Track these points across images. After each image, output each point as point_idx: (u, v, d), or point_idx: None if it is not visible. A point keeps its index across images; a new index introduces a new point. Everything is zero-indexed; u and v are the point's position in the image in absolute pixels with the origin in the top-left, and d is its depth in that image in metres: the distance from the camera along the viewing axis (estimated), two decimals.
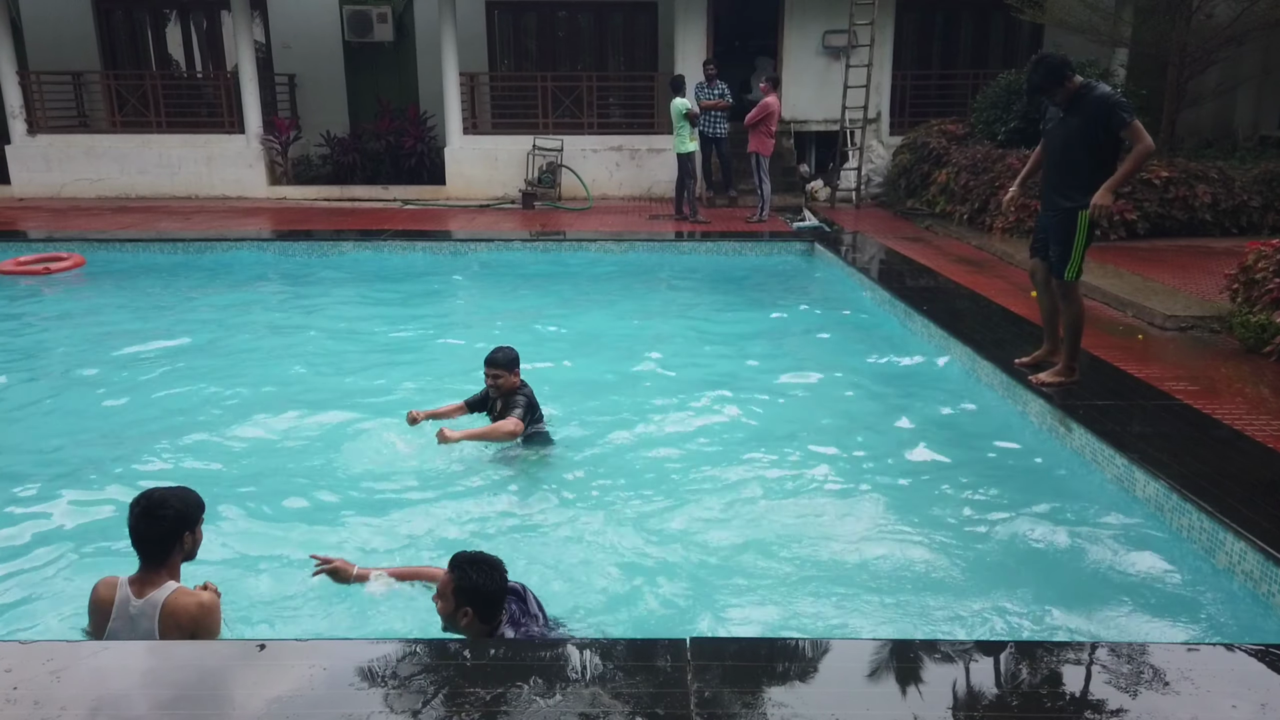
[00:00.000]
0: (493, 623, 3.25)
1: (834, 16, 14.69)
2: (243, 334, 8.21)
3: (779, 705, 2.64)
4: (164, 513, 3.18)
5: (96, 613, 3.24)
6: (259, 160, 15.27)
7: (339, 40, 16.44)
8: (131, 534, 3.20)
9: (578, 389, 6.63)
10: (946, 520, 4.65)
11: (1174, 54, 11.63)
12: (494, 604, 3.24)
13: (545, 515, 4.72)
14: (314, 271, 10.71)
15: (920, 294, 8.42)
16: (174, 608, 3.14)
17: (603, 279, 10.37)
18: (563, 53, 16.88)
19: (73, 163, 15.21)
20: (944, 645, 3.05)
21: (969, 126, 13.56)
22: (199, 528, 3.32)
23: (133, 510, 3.21)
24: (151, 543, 3.19)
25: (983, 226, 11.58)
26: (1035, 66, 5.35)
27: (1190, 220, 10.51)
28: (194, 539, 3.29)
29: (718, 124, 13.54)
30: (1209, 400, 5.51)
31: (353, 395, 6.46)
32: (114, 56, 16.78)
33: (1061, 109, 5.38)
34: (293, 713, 2.58)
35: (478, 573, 3.20)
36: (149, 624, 3.12)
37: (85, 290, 9.81)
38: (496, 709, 2.60)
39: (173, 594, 3.17)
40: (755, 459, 5.41)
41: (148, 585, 3.18)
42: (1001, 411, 5.98)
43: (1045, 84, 5.31)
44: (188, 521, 3.25)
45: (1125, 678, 2.79)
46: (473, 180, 15.13)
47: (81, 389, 6.64)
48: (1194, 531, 4.12)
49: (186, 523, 3.24)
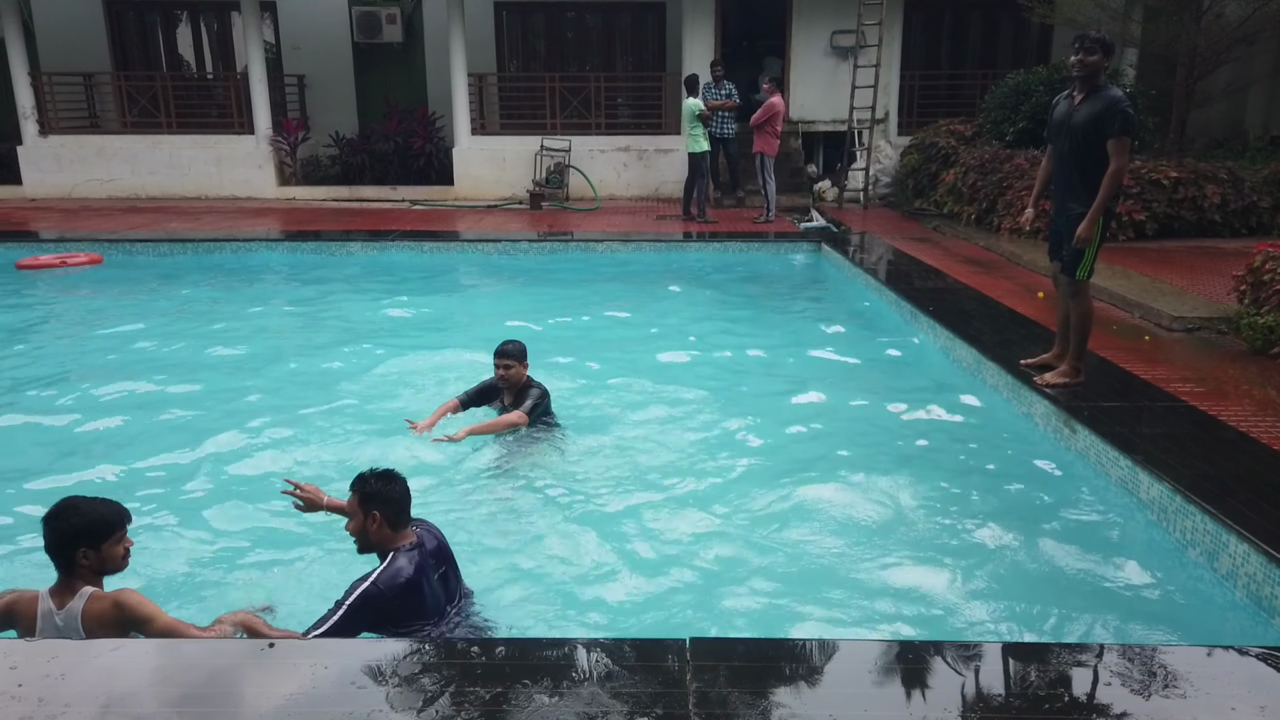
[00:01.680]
0: (402, 529, 3.49)
1: (842, 16, 14.68)
2: (247, 333, 8.23)
3: (780, 706, 2.65)
4: (58, 524, 3.09)
5: (20, 626, 3.14)
6: (268, 161, 15.34)
7: (348, 41, 16.50)
8: (46, 543, 3.11)
9: (583, 388, 6.64)
10: (948, 521, 4.64)
11: (1183, 54, 11.58)
12: (398, 508, 3.50)
13: (548, 515, 4.72)
14: (321, 271, 10.76)
15: (927, 295, 8.41)
16: (93, 614, 3.08)
17: (610, 279, 10.38)
18: (571, 53, 16.91)
19: (84, 163, 15.31)
20: (946, 647, 3.05)
21: (977, 127, 13.53)
22: (109, 545, 3.14)
23: (45, 518, 3.11)
24: (52, 551, 3.11)
25: (990, 227, 11.56)
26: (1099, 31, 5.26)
27: (1199, 221, 10.46)
28: (100, 556, 3.12)
29: (725, 124, 13.55)
30: (1215, 402, 5.49)
31: (355, 396, 6.47)
32: (125, 58, 16.88)
33: (1080, 96, 5.29)
34: (297, 711, 2.60)
35: (376, 479, 3.49)
36: (77, 635, 3.07)
37: (96, 288, 9.88)
38: (497, 708, 2.61)
39: (87, 601, 3.09)
40: (758, 459, 5.41)
41: (66, 595, 3.11)
42: (1007, 413, 5.97)
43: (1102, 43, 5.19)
44: (88, 536, 3.09)
45: (1127, 680, 2.79)
46: (481, 181, 15.17)
47: (82, 386, 6.70)
48: (1198, 534, 4.11)
49: (86, 537, 3.08)
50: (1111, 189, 5.18)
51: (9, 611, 3.15)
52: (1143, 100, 12.76)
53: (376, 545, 3.49)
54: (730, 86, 13.48)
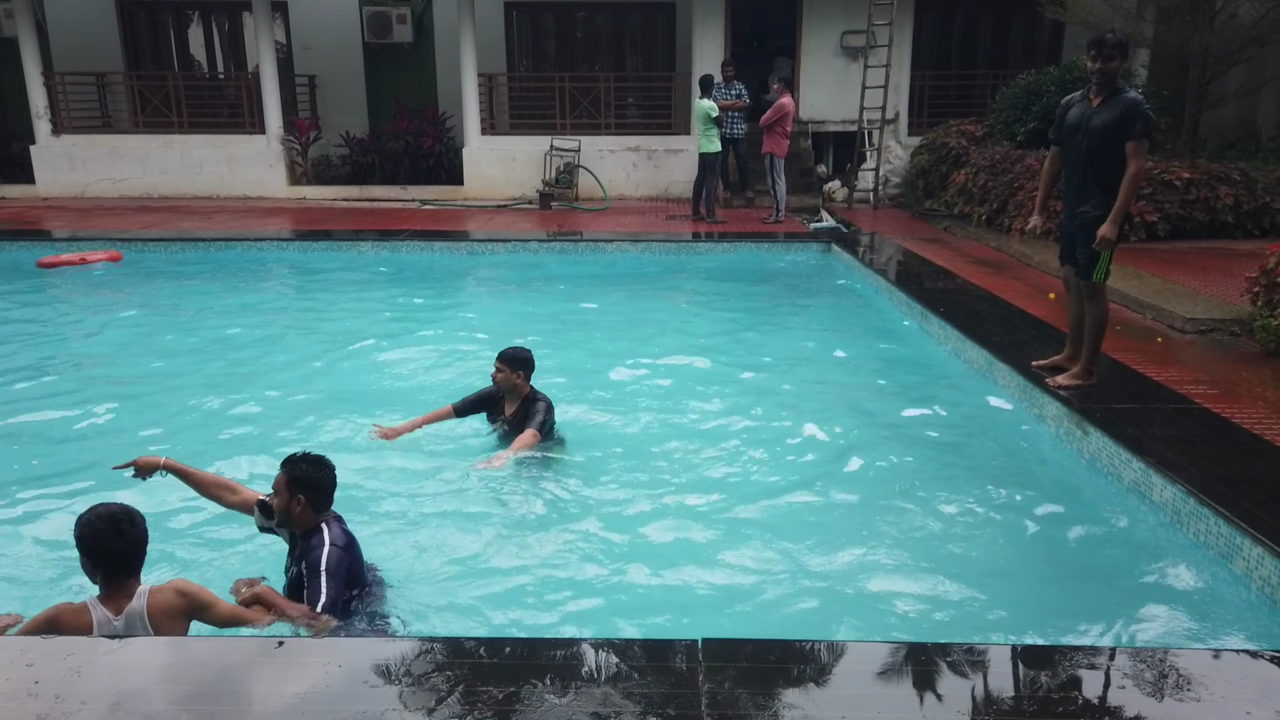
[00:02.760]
0: (322, 513, 3.64)
1: (852, 17, 14.67)
2: (250, 334, 8.25)
3: (791, 707, 2.65)
4: (138, 530, 3.17)
5: None
6: (279, 160, 15.40)
7: (359, 41, 16.56)
8: (104, 553, 3.13)
9: (591, 387, 6.65)
10: (959, 522, 4.63)
11: (1196, 55, 11.53)
12: (324, 493, 3.64)
13: (557, 516, 4.73)
14: (330, 270, 10.79)
15: (937, 295, 8.40)
16: (160, 608, 3.14)
17: (619, 279, 10.39)
18: (580, 53, 16.92)
19: (96, 163, 15.39)
20: (957, 649, 3.05)
21: (988, 127, 13.50)
22: None
23: (103, 527, 3.12)
24: (129, 555, 3.17)
25: (1001, 228, 11.52)
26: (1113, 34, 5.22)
27: (1212, 222, 10.41)
28: None
29: (735, 125, 13.55)
30: (1228, 404, 5.47)
31: (358, 396, 6.49)
32: (137, 58, 16.97)
33: (1097, 99, 5.26)
34: (310, 709, 2.61)
35: (308, 464, 3.63)
36: (145, 634, 3.10)
37: (111, 287, 9.93)
38: (510, 707, 2.62)
39: (150, 597, 3.16)
40: (768, 460, 5.41)
41: (120, 599, 3.15)
42: (1018, 414, 5.95)
43: (1119, 45, 5.16)
44: None
45: (1140, 683, 2.78)
46: (490, 180, 15.20)
47: (93, 386, 6.74)
48: (1211, 536, 4.09)
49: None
50: (1132, 190, 5.18)
51: (52, 627, 3.12)
52: (1155, 101, 12.70)
53: (297, 523, 3.63)
54: (740, 87, 13.48)
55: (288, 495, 3.59)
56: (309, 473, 3.60)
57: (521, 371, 5.38)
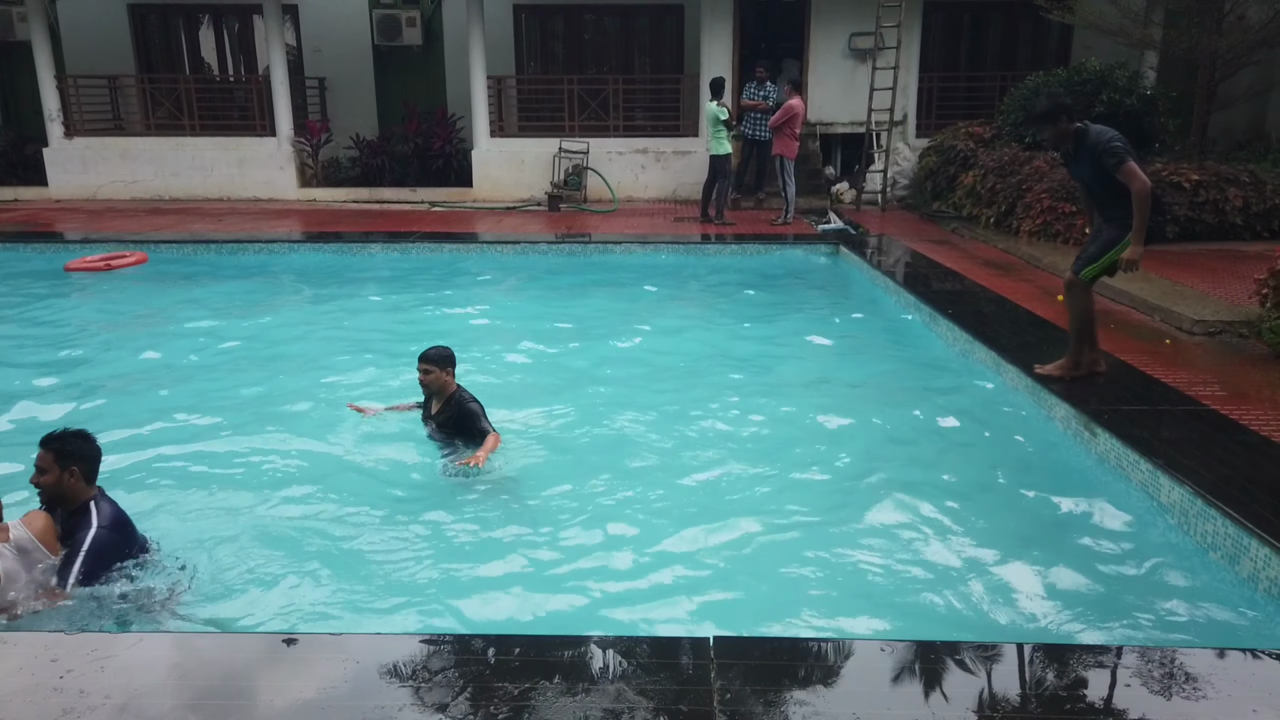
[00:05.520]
0: (92, 483, 3.81)
1: (860, 18, 14.68)
2: (253, 333, 8.31)
3: (801, 704, 2.69)
4: None
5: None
6: (290, 162, 15.48)
7: (369, 44, 16.64)
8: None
9: (597, 387, 6.69)
10: (967, 522, 4.66)
11: (1204, 57, 11.52)
12: (94, 464, 3.82)
13: (563, 517, 4.76)
14: (340, 272, 10.84)
15: (945, 297, 8.41)
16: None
17: (628, 281, 10.42)
18: (589, 56, 16.97)
19: (108, 165, 15.49)
20: (965, 647, 3.08)
21: (996, 129, 13.49)
22: None
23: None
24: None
25: (1009, 230, 11.52)
26: (1038, 99, 5.54)
27: (1220, 224, 10.40)
28: None
29: (760, 126, 13.59)
30: (1237, 406, 5.48)
31: (363, 395, 6.52)
32: (148, 60, 17.08)
33: (1068, 151, 5.59)
34: (325, 705, 2.65)
35: (75, 438, 3.78)
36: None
37: (147, 286, 10.01)
38: (524, 704, 2.66)
39: None
40: (776, 460, 5.44)
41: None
42: (1027, 416, 5.97)
43: (1038, 119, 5.59)
44: None
45: (1147, 682, 2.81)
46: (499, 182, 15.26)
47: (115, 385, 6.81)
48: (1219, 538, 4.11)
49: None
50: (1143, 209, 5.32)
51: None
52: (1164, 102, 12.70)
53: (69, 498, 3.77)
54: (770, 88, 13.51)
55: (59, 470, 3.70)
56: (78, 445, 3.76)
57: (450, 369, 5.37)
